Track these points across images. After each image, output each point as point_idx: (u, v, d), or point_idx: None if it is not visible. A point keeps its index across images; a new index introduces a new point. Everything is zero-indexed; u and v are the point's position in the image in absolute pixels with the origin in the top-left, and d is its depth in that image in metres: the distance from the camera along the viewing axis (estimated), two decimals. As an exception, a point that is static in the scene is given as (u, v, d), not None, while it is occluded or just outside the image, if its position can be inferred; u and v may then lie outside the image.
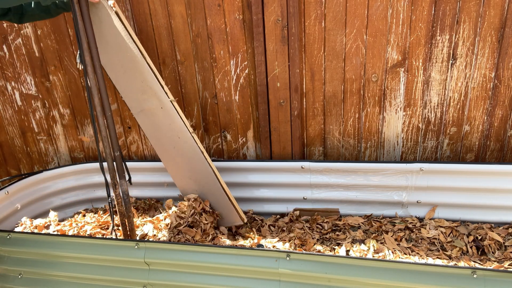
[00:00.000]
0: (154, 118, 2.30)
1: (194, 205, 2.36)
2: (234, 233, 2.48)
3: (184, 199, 2.44)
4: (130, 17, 2.57)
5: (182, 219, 2.32)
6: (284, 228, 2.45)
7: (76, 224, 2.56)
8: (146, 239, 2.34)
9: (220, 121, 2.76)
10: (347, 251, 2.17)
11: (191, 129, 2.28)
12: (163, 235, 2.35)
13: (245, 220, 2.40)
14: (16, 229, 2.46)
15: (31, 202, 2.70)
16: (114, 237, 2.17)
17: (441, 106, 2.43)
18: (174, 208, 2.46)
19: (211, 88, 2.67)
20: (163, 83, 2.21)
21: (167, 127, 2.28)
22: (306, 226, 2.44)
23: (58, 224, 2.57)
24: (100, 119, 1.93)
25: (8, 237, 1.94)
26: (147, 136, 2.41)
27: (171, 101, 2.21)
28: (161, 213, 2.64)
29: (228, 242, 2.28)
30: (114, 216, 2.30)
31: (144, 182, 2.85)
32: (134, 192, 2.88)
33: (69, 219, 2.72)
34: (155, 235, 2.36)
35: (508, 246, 2.09)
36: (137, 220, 2.56)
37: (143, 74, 2.16)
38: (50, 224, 2.54)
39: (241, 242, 2.32)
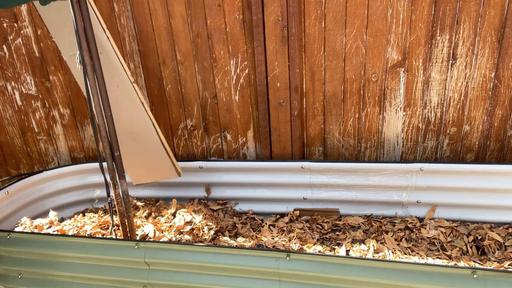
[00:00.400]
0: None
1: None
2: (235, 234, 2.49)
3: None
4: (130, 17, 2.57)
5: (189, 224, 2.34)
6: (284, 228, 2.45)
7: (76, 224, 2.56)
8: (146, 239, 2.33)
9: (220, 121, 2.76)
10: (347, 251, 2.17)
11: (132, 78, 2.17)
12: (164, 235, 2.35)
13: (181, 174, 2.45)
14: (16, 229, 2.46)
15: (31, 202, 2.70)
16: (114, 237, 2.17)
17: (441, 106, 2.43)
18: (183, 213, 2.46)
19: (211, 88, 2.67)
20: (105, 27, 2.06)
21: (105, 74, 2.08)
22: (306, 226, 2.44)
23: (58, 224, 2.57)
24: (100, 119, 1.93)
25: (8, 237, 1.94)
26: (77, 82, 2.27)
27: (111, 43, 2.06)
28: (161, 213, 2.64)
29: (229, 241, 2.28)
30: (114, 216, 2.30)
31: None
32: (134, 192, 2.88)
33: (69, 219, 2.72)
34: (156, 236, 2.36)
35: (508, 246, 2.09)
36: (137, 221, 2.56)
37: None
38: (51, 224, 2.54)
39: (241, 242, 2.32)
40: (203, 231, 2.36)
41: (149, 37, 2.60)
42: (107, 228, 2.53)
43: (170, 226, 2.42)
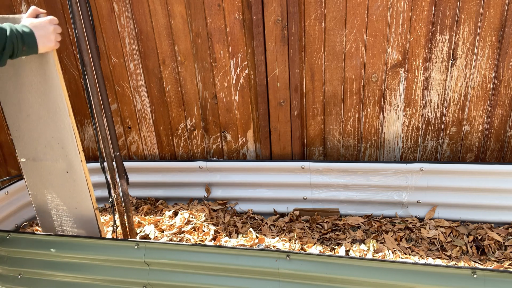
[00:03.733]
0: (51, 176, 1.93)
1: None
2: (235, 233, 2.49)
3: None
4: (130, 17, 2.57)
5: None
6: (285, 228, 2.45)
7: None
8: (146, 239, 2.33)
9: (220, 121, 2.76)
10: (347, 251, 2.17)
11: (95, 205, 1.93)
12: (164, 235, 2.35)
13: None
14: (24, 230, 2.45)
15: (31, 202, 2.70)
16: (114, 237, 2.17)
17: (441, 106, 2.43)
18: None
19: (211, 88, 2.67)
20: (81, 148, 1.83)
21: (65, 192, 1.94)
22: (306, 226, 2.44)
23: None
24: (99, 119, 1.93)
25: (8, 237, 1.94)
26: (28, 188, 2.03)
27: (84, 172, 1.85)
28: (161, 212, 2.64)
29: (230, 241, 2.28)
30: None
31: (145, 182, 2.85)
32: (134, 192, 2.88)
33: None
34: (156, 236, 2.36)
35: (508, 246, 2.09)
36: (137, 219, 2.56)
37: (59, 130, 1.80)
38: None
39: (242, 242, 2.32)
40: (204, 231, 2.36)
41: (149, 37, 2.60)
42: (107, 228, 2.53)
43: (171, 225, 2.42)
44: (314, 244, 2.24)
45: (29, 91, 1.80)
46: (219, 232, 2.42)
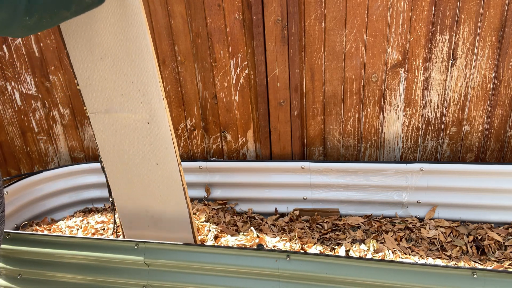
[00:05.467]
0: (127, 129, 1.68)
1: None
2: (235, 233, 2.49)
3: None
4: (130, 17, 2.57)
5: None
6: (285, 228, 2.45)
7: (76, 224, 2.56)
8: (146, 239, 2.33)
9: (220, 121, 2.76)
10: (347, 251, 2.17)
11: (179, 159, 1.73)
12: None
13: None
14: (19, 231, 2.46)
15: (30, 203, 2.70)
16: (114, 237, 2.17)
17: (441, 106, 2.43)
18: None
19: (211, 88, 2.67)
20: (164, 94, 1.61)
21: (145, 146, 1.69)
22: (306, 226, 2.44)
23: (58, 225, 2.57)
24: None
25: (8, 237, 1.94)
26: (98, 145, 1.78)
27: (166, 109, 1.62)
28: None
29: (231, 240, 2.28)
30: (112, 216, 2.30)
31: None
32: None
33: (69, 219, 2.72)
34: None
35: (508, 246, 2.09)
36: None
37: (141, 74, 1.55)
38: (51, 224, 2.54)
39: (242, 241, 2.32)
40: (204, 231, 2.36)
41: (149, 37, 2.60)
42: (104, 228, 2.53)
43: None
44: (314, 244, 2.24)
45: (103, 28, 1.50)
46: (220, 232, 2.42)
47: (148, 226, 1.93)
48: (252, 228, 2.46)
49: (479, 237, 2.17)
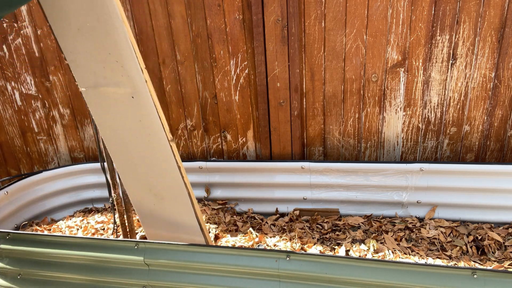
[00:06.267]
0: (117, 105, 1.63)
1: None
2: (236, 232, 2.49)
3: None
4: (130, 17, 2.57)
5: None
6: (285, 227, 2.45)
7: (76, 224, 2.56)
8: (146, 239, 2.33)
9: (220, 121, 2.76)
10: (347, 251, 2.17)
11: (170, 136, 1.67)
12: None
13: (210, 243, 1.95)
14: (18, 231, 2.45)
15: (30, 202, 2.70)
16: (114, 237, 2.17)
17: (441, 106, 2.43)
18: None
19: (211, 88, 2.67)
20: (143, 65, 1.54)
21: (134, 123, 1.65)
22: (306, 226, 2.44)
23: (58, 225, 2.57)
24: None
25: (8, 237, 1.94)
26: (96, 122, 1.73)
27: (147, 85, 1.55)
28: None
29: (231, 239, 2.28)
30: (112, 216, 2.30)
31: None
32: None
33: (69, 219, 2.72)
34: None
35: (508, 246, 2.09)
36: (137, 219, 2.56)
37: (115, 44, 1.47)
38: (51, 224, 2.54)
39: (242, 241, 2.32)
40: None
41: (149, 37, 2.60)
42: (104, 228, 2.53)
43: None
44: (314, 244, 2.24)
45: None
46: (221, 232, 2.42)
47: (154, 205, 1.89)
48: (251, 229, 2.46)
49: (479, 237, 2.17)
